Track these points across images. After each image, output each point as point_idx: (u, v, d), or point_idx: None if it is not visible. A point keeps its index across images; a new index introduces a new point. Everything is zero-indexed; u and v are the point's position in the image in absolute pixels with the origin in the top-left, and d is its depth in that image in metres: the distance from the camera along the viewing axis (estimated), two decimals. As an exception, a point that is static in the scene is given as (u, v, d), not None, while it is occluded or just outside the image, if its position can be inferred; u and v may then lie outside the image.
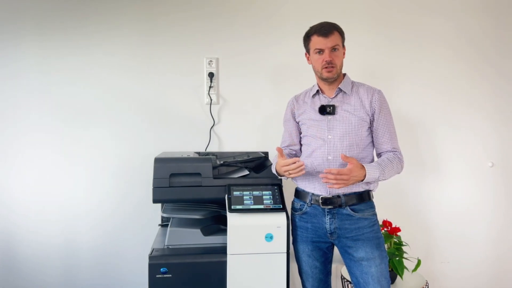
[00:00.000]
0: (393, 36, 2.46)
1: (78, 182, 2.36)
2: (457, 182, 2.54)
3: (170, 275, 1.68)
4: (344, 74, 1.78)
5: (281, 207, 1.75)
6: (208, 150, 2.38)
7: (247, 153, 2.18)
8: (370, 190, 1.74)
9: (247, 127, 2.43)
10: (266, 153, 2.19)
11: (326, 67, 1.68)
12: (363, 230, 1.66)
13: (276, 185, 1.84)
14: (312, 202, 1.71)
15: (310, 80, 1.88)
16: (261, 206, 1.74)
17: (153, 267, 1.67)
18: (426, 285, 2.20)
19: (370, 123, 1.72)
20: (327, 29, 1.67)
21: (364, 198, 1.70)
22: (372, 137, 1.74)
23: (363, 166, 1.60)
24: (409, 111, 2.49)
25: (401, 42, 2.47)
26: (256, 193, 1.80)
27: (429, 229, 2.55)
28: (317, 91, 1.78)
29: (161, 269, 1.67)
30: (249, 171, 1.92)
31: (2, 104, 2.30)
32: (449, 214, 2.54)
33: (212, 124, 2.40)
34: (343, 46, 1.73)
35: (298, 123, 1.85)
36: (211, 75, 2.38)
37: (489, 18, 2.50)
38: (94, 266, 2.40)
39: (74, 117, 2.34)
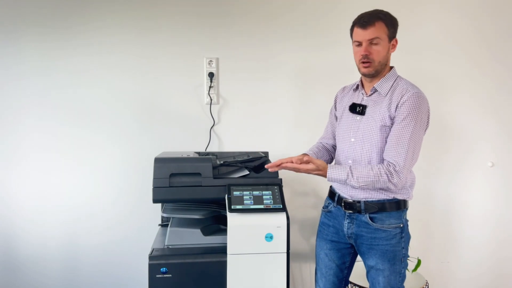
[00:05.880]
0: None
1: (78, 182, 2.36)
2: (457, 181, 2.54)
3: (170, 275, 1.67)
4: (391, 68, 1.64)
5: (281, 207, 1.75)
6: (208, 150, 2.38)
7: (247, 153, 2.18)
8: (399, 200, 1.59)
9: (247, 127, 2.43)
10: (266, 153, 2.19)
11: (363, 62, 1.55)
12: (378, 241, 1.60)
13: (276, 185, 1.84)
14: (337, 203, 1.70)
15: (310, 80, 1.89)
16: (261, 206, 1.74)
17: (153, 267, 1.67)
18: (426, 285, 2.19)
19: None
20: (366, 20, 1.53)
21: (386, 207, 1.58)
22: None
23: (322, 163, 1.52)
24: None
25: (401, 40, 2.46)
26: (256, 193, 1.79)
27: (429, 229, 2.55)
28: (357, 85, 1.69)
29: (161, 269, 1.67)
30: (249, 171, 1.91)
31: (2, 105, 2.30)
32: (449, 214, 2.54)
33: (212, 124, 2.40)
34: (392, 38, 1.57)
35: (336, 117, 1.80)
36: (211, 75, 2.38)
37: (491, 17, 2.49)
38: (94, 266, 2.40)
39: (73, 118, 2.34)
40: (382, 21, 1.54)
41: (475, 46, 2.49)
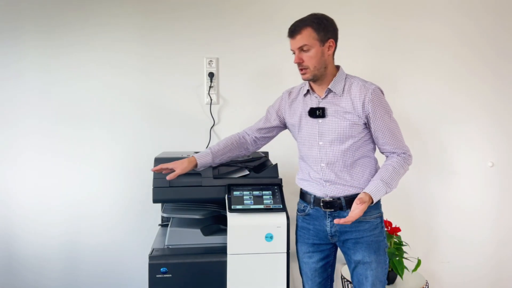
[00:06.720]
0: (394, 33, 2.46)
1: (78, 182, 2.36)
2: (458, 181, 2.54)
3: (170, 275, 1.67)
4: (338, 67, 1.66)
5: (281, 207, 1.74)
6: (208, 150, 2.38)
7: (247, 153, 2.18)
8: None
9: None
10: (266, 153, 2.19)
11: (300, 69, 1.61)
12: (363, 234, 1.63)
13: (276, 185, 1.84)
14: (314, 205, 1.69)
15: (310, 80, 1.89)
16: (261, 206, 1.74)
17: (153, 267, 1.67)
18: (426, 285, 2.20)
19: (366, 124, 1.62)
20: (293, 29, 1.58)
21: None
22: (371, 135, 1.65)
23: (365, 194, 1.54)
24: (409, 110, 2.49)
25: (403, 38, 2.47)
26: (256, 193, 1.79)
27: (429, 229, 2.55)
28: (308, 90, 1.68)
29: (161, 269, 1.67)
30: (249, 171, 1.91)
31: (2, 105, 2.30)
32: (449, 213, 2.54)
33: (212, 124, 2.40)
34: (325, 40, 1.57)
35: (282, 122, 1.80)
36: (211, 75, 2.38)
37: (493, 16, 2.49)
38: (94, 266, 2.40)
39: (73, 117, 2.34)
40: (310, 27, 1.56)
41: (476, 46, 2.49)
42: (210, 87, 2.39)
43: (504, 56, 2.51)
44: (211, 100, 2.39)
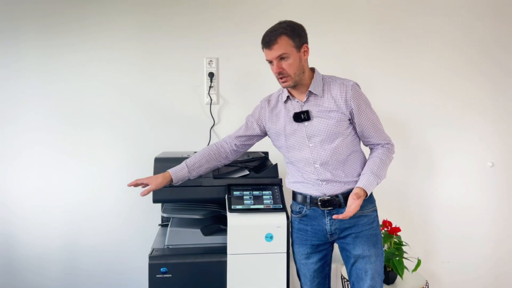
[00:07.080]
0: (393, 34, 2.46)
1: (78, 182, 2.36)
2: (458, 182, 2.54)
3: (170, 275, 1.68)
4: (313, 70, 1.68)
5: (281, 207, 1.75)
6: (208, 150, 2.38)
7: (247, 153, 2.17)
8: None
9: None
10: (266, 153, 2.19)
11: (280, 78, 1.61)
12: (361, 228, 1.66)
13: (276, 185, 1.84)
14: (311, 205, 1.69)
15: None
16: (261, 206, 1.74)
17: (153, 267, 1.67)
18: (426, 285, 2.20)
19: (350, 120, 1.65)
20: (268, 40, 1.58)
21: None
22: (355, 130, 1.67)
23: (359, 189, 1.58)
24: (410, 110, 2.49)
25: (401, 40, 2.47)
26: (256, 193, 1.80)
27: (429, 229, 2.55)
28: (288, 96, 1.69)
29: (161, 269, 1.67)
30: (249, 171, 1.92)
31: (2, 105, 2.30)
32: (449, 214, 2.54)
33: (212, 124, 2.40)
34: (300, 46, 1.59)
35: (263, 131, 1.80)
36: (211, 75, 2.38)
37: (490, 16, 2.49)
38: (95, 266, 2.40)
39: (73, 117, 2.34)
40: (285, 35, 1.56)
41: (476, 47, 2.49)
42: (210, 87, 2.39)
43: (505, 55, 2.51)
44: (211, 100, 2.39)
